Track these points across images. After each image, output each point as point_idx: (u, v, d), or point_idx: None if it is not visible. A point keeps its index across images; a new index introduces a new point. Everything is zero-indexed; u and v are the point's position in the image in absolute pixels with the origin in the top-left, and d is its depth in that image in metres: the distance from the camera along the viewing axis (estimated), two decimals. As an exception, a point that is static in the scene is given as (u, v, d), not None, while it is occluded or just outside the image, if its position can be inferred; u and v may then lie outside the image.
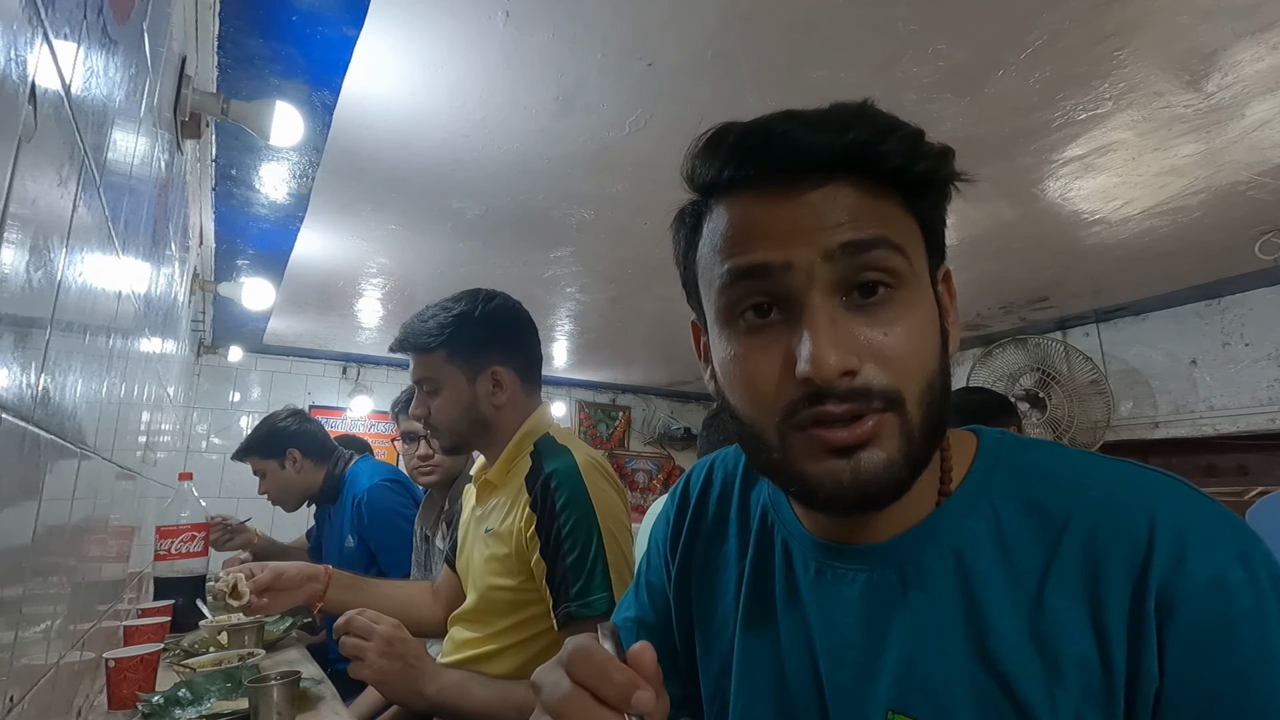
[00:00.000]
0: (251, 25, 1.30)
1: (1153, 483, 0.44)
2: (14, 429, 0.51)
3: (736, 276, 0.45)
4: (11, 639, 0.58)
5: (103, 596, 1.19)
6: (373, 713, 1.49)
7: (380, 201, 2.25)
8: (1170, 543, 0.40)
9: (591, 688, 0.38)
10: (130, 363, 1.19)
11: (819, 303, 0.43)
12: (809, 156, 0.43)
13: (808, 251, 0.43)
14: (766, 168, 0.44)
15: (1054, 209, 2.28)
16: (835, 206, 0.43)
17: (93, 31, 0.64)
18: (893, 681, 0.46)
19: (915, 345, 0.44)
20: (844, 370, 0.42)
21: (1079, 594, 0.42)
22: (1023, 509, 0.46)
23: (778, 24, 1.42)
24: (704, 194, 0.49)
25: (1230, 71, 1.56)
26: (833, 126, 0.43)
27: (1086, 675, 0.41)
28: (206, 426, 4.18)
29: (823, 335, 0.42)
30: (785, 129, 0.43)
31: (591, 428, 5.62)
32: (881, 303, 0.43)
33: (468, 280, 3.02)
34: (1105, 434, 3.22)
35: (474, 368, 1.17)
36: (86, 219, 0.69)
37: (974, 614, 0.44)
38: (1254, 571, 0.39)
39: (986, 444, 0.50)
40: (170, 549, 1.62)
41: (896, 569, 0.48)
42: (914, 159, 0.43)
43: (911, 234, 0.45)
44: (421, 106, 1.70)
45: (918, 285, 0.45)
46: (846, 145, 0.42)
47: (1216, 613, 0.39)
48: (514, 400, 1.20)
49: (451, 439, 1.21)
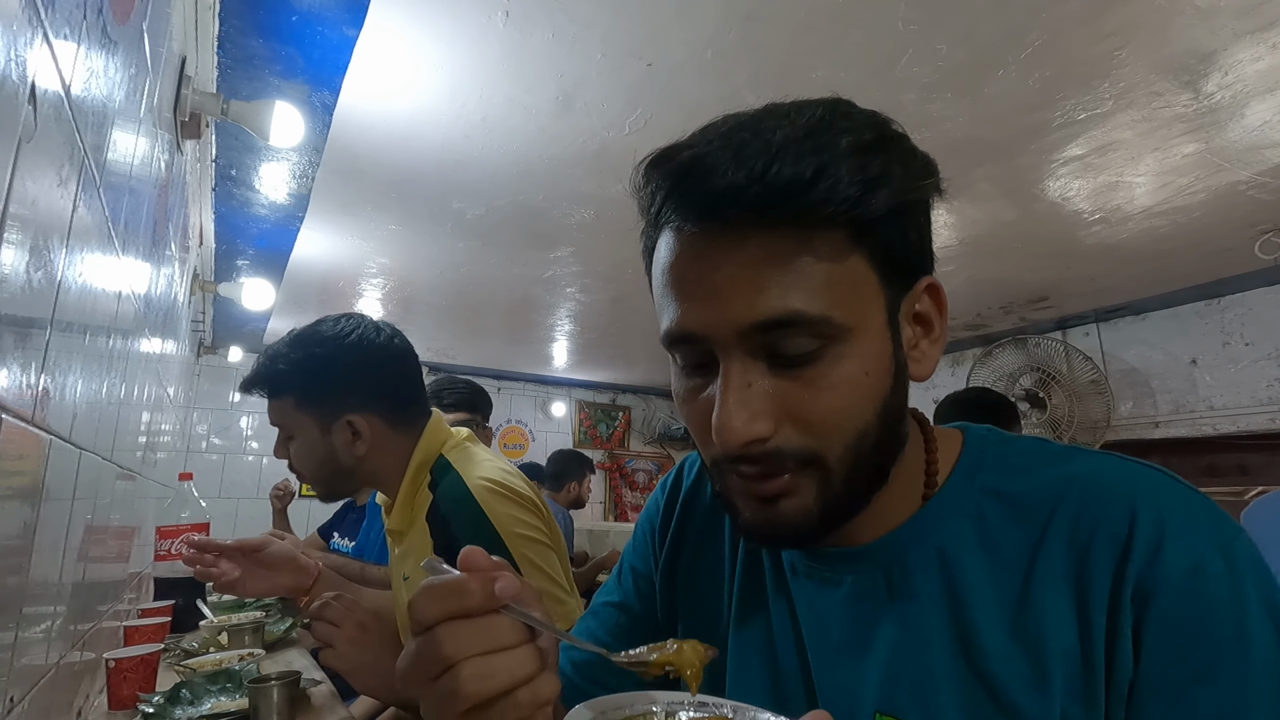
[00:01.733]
0: (251, 25, 1.30)
1: (1134, 474, 0.44)
2: (14, 429, 0.51)
3: (670, 341, 0.45)
4: (12, 639, 0.58)
5: (103, 597, 1.19)
6: (373, 713, 1.49)
7: (380, 201, 2.25)
8: (1149, 532, 0.40)
9: (453, 612, 0.36)
10: (130, 363, 1.19)
11: (735, 370, 0.41)
12: (726, 205, 0.39)
13: (723, 326, 0.41)
14: (686, 216, 0.42)
15: (1054, 209, 2.28)
16: (751, 270, 0.40)
17: (93, 32, 0.64)
18: (880, 682, 0.46)
19: (840, 405, 0.42)
20: (749, 440, 0.41)
21: (1064, 587, 0.42)
22: (1006, 506, 0.46)
23: (777, 24, 1.42)
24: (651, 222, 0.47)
25: (1230, 71, 1.56)
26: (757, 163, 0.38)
27: (1070, 669, 0.41)
28: (206, 427, 4.18)
29: (729, 405, 0.41)
30: (709, 169, 0.40)
31: (591, 428, 5.62)
32: (809, 360, 0.41)
33: (468, 280, 3.03)
34: (1105, 434, 3.22)
35: (326, 417, 1.03)
36: (86, 219, 0.69)
37: (959, 614, 0.44)
38: (1234, 562, 0.39)
39: (971, 441, 0.50)
40: (170, 549, 1.61)
41: (882, 570, 0.48)
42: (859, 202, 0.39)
43: (850, 281, 0.41)
44: (421, 106, 1.70)
45: (855, 336, 0.42)
46: (765, 191, 0.38)
47: (1193, 603, 0.38)
48: (380, 445, 1.05)
49: (320, 488, 1.09)
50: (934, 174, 0.45)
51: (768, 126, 0.41)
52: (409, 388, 1.09)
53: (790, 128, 0.40)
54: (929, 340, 0.47)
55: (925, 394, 4.31)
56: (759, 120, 0.42)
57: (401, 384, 1.08)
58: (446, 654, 0.36)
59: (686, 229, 0.42)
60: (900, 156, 0.42)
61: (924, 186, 0.44)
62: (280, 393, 1.05)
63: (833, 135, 0.40)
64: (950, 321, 1.62)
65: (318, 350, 1.04)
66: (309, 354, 1.03)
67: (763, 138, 0.40)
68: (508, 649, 0.37)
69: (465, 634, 0.36)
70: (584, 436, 5.56)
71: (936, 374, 2.97)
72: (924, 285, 0.46)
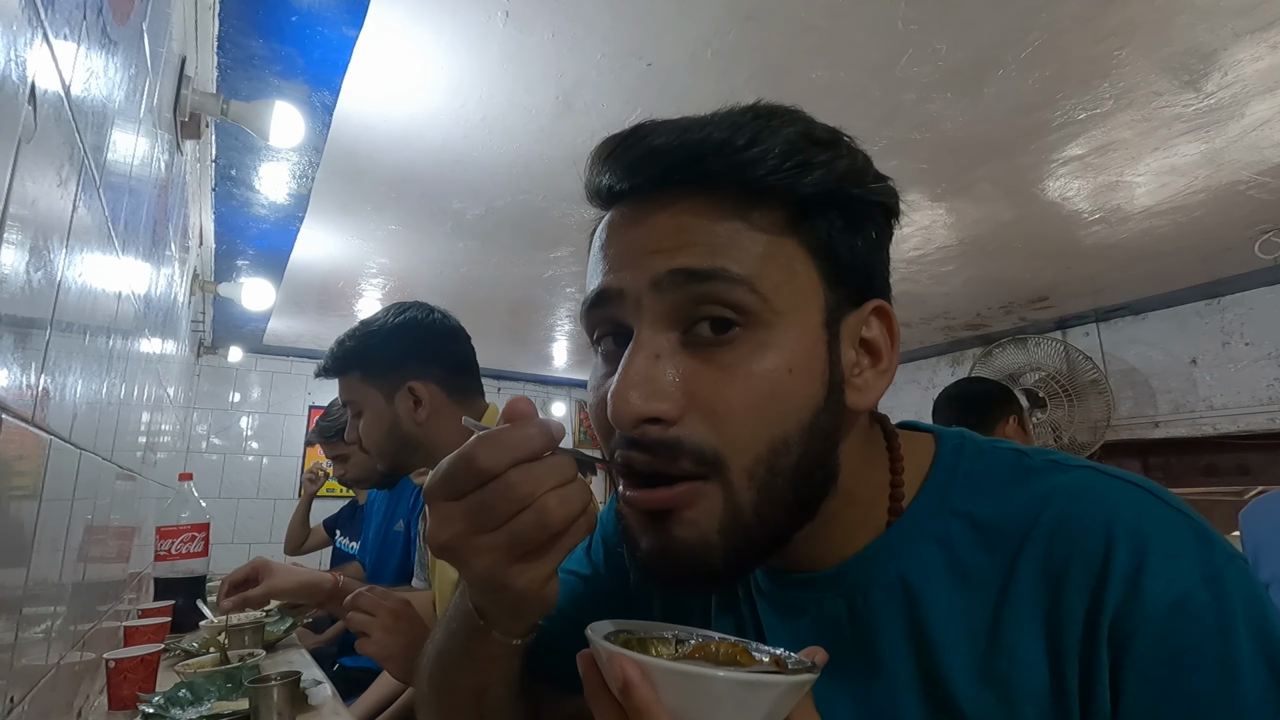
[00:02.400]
0: (251, 26, 1.30)
1: (1112, 492, 0.39)
2: (14, 429, 0.51)
3: (586, 305, 0.42)
4: (12, 639, 0.58)
5: (103, 597, 1.19)
6: (373, 713, 1.49)
7: (380, 202, 2.25)
8: (1127, 562, 0.36)
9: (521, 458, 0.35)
10: (130, 363, 1.19)
11: (645, 335, 0.38)
12: (657, 160, 0.38)
13: (638, 278, 0.38)
14: (618, 178, 0.40)
15: (1054, 209, 2.28)
16: (677, 228, 0.38)
17: (92, 32, 0.64)
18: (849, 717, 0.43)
19: (755, 399, 0.37)
20: (643, 416, 0.36)
21: (1036, 624, 0.38)
22: (977, 531, 0.41)
23: (777, 23, 1.42)
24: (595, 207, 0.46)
25: (1230, 71, 1.56)
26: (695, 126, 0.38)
27: (1043, 709, 0.37)
28: (206, 427, 4.18)
29: (629, 374, 0.37)
30: (646, 136, 0.39)
31: (591, 428, 5.62)
32: (727, 343, 0.37)
33: (468, 280, 3.03)
34: (1105, 433, 3.22)
35: (389, 385, 1.13)
36: (86, 219, 0.69)
37: (926, 652, 0.41)
38: (1222, 596, 0.35)
39: (944, 453, 0.46)
40: (170, 549, 1.62)
41: (845, 599, 0.44)
42: (795, 177, 0.37)
43: (783, 262, 0.38)
44: (421, 106, 1.70)
45: (782, 325, 0.38)
46: (694, 149, 0.37)
47: (1176, 643, 0.35)
48: (441, 414, 1.14)
49: (384, 462, 1.17)
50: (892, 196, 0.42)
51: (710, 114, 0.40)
52: (462, 358, 1.19)
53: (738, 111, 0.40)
54: (875, 371, 0.43)
55: (925, 394, 4.31)
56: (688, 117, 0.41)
57: (455, 354, 1.18)
58: (526, 492, 0.34)
59: (621, 191, 0.41)
60: (848, 156, 0.40)
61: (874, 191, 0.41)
62: (348, 369, 1.15)
63: (776, 119, 0.39)
64: (950, 321, 1.64)
65: (376, 327, 1.16)
66: (369, 331, 1.15)
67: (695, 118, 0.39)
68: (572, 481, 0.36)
69: (541, 471, 0.35)
70: (584, 436, 5.56)
71: (937, 374, 3.00)
72: (873, 307, 0.42)
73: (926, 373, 4.32)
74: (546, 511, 0.35)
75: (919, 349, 4.19)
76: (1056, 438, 3.19)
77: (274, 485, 4.32)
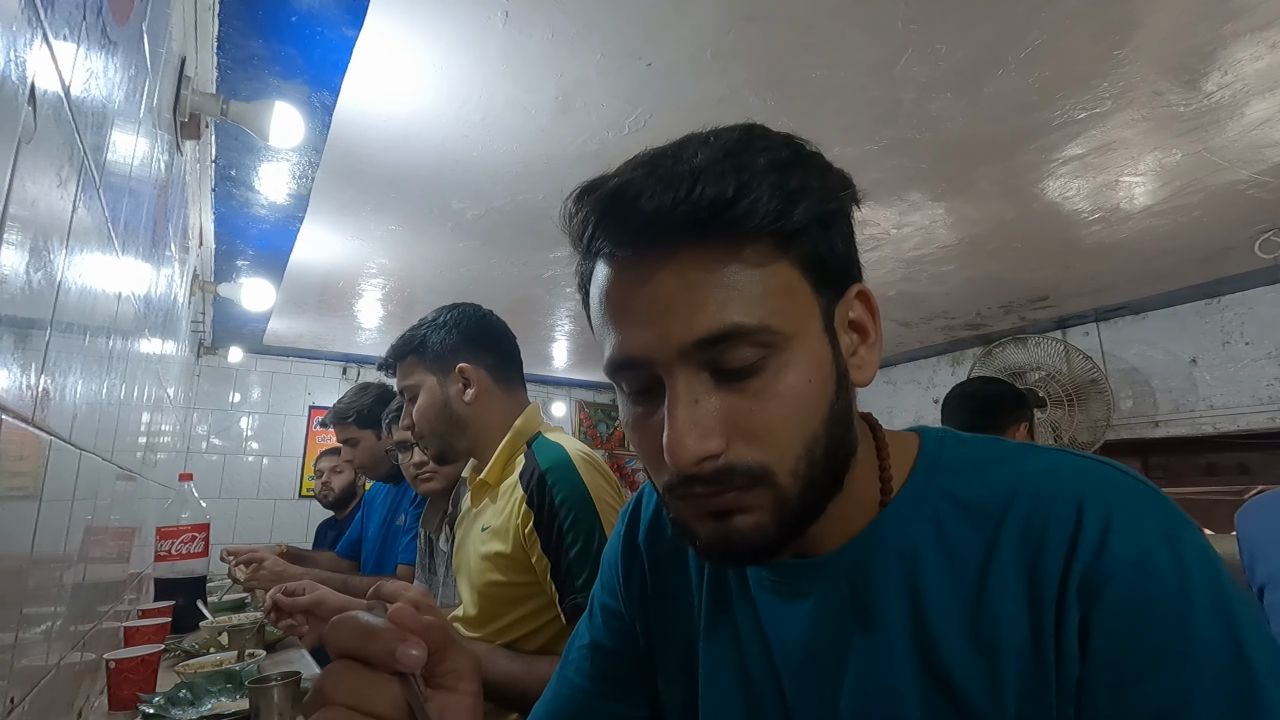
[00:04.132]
0: (251, 26, 1.30)
1: (1084, 470, 0.44)
2: (14, 429, 0.51)
3: (613, 368, 0.45)
4: (12, 640, 0.58)
5: (103, 597, 1.19)
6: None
7: (380, 202, 2.25)
8: (1095, 526, 0.40)
9: (354, 652, 0.37)
10: (130, 364, 1.19)
11: (680, 388, 0.42)
12: (653, 227, 0.41)
13: (663, 347, 0.42)
14: (617, 242, 0.43)
15: (1054, 208, 2.28)
16: (686, 288, 0.41)
17: (92, 32, 0.64)
18: (852, 693, 0.46)
19: (786, 414, 0.42)
20: (701, 457, 0.41)
21: (1017, 587, 0.42)
22: (961, 509, 0.46)
23: (777, 24, 1.42)
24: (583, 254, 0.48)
25: (1229, 70, 1.56)
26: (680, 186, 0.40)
27: (1023, 668, 0.41)
28: (206, 427, 4.18)
29: (679, 425, 0.41)
30: (635, 194, 0.41)
31: (591, 428, 5.62)
32: (752, 372, 0.42)
33: (468, 280, 3.03)
34: (1105, 433, 3.22)
35: (442, 368, 1.24)
36: (86, 220, 0.69)
37: (920, 621, 0.44)
38: (1180, 554, 0.39)
39: (927, 445, 0.50)
40: (171, 550, 1.62)
41: (846, 580, 0.48)
42: (781, 213, 0.41)
43: (783, 290, 0.43)
44: (421, 107, 1.70)
45: (795, 344, 0.43)
46: (691, 210, 0.40)
47: (1138, 595, 0.38)
48: (488, 397, 1.24)
49: (436, 444, 1.25)
50: (850, 186, 0.46)
51: (688, 152, 0.42)
52: (509, 351, 1.31)
53: (709, 150, 0.42)
54: (866, 346, 0.48)
55: (925, 393, 4.32)
56: (679, 147, 0.43)
57: (500, 344, 1.30)
58: (321, 687, 0.37)
59: (619, 254, 0.43)
60: (817, 171, 0.44)
61: (842, 198, 0.45)
62: (405, 354, 1.26)
63: (751, 155, 0.42)
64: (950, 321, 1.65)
65: (430, 318, 1.28)
66: (424, 323, 1.28)
67: (685, 162, 0.41)
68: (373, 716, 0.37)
69: (350, 678, 0.37)
70: (584, 436, 5.55)
71: (937, 373, 3.00)
72: (855, 292, 0.47)
73: (927, 373, 4.32)
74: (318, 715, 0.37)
75: (919, 349, 4.19)
76: (1056, 437, 3.19)
77: (274, 485, 4.32)
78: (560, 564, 1.04)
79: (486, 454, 1.22)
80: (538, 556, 1.06)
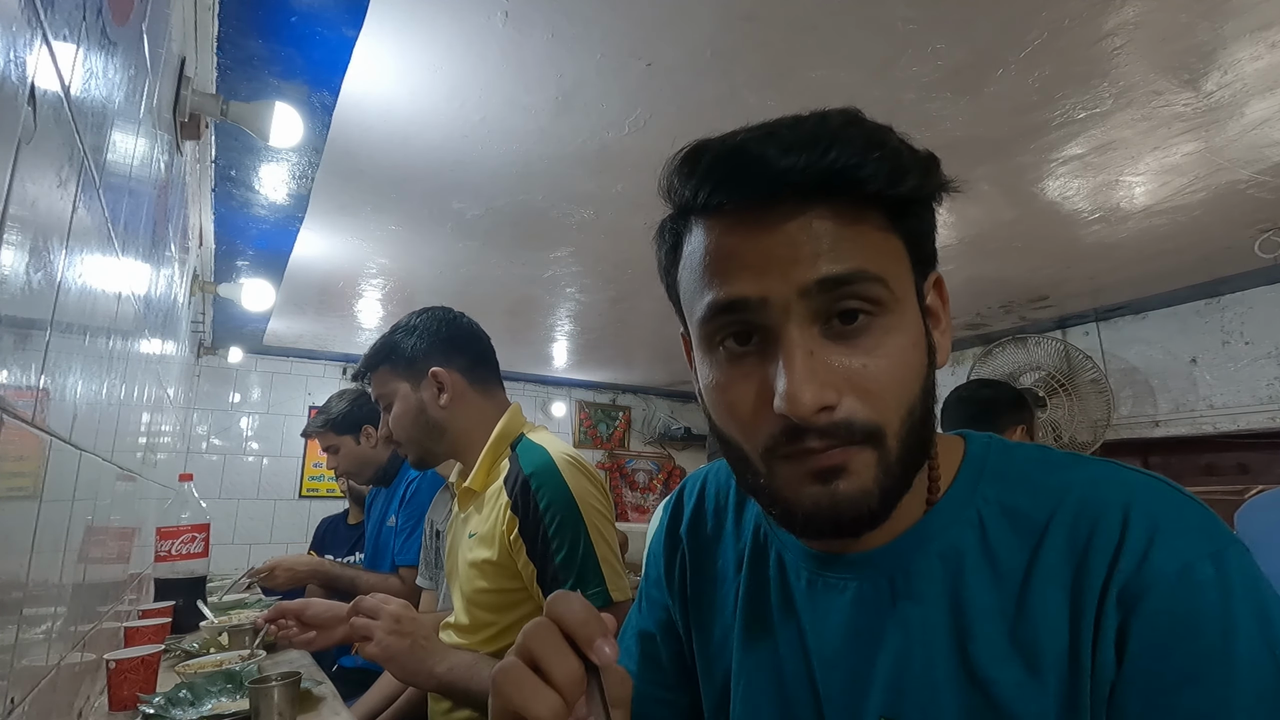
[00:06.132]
0: (251, 26, 1.30)
1: (1131, 481, 0.44)
2: (14, 430, 0.51)
3: (715, 311, 0.44)
4: (12, 640, 0.58)
5: (103, 598, 1.19)
6: (374, 713, 1.49)
7: (380, 202, 2.25)
8: (1140, 536, 0.40)
9: (563, 622, 0.38)
10: (130, 364, 1.19)
11: (796, 335, 0.42)
12: (784, 182, 0.41)
13: (783, 287, 0.42)
14: (741, 194, 0.43)
15: (1054, 208, 2.28)
16: (811, 236, 0.42)
17: (92, 33, 0.64)
18: (884, 688, 0.46)
19: (897, 374, 0.43)
20: (820, 406, 0.41)
21: (1060, 593, 0.42)
22: (1007, 515, 0.46)
23: (777, 24, 1.42)
24: (681, 214, 0.48)
25: (1229, 70, 1.56)
26: (811, 148, 0.41)
27: (1061, 672, 0.41)
28: (206, 427, 4.18)
29: (798, 371, 0.41)
30: (761, 152, 0.42)
31: (591, 428, 5.62)
32: (862, 330, 0.43)
33: (468, 280, 3.03)
34: (1105, 433, 3.22)
35: (415, 375, 1.22)
36: (86, 220, 0.69)
37: (960, 621, 0.45)
38: (1224, 571, 0.39)
39: (974, 450, 0.51)
40: (171, 550, 1.62)
41: (887, 577, 0.48)
42: (897, 181, 0.42)
43: (894, 255, 0.44)
44: (421, 107, 1.70)
45: (901, 309, 0.44)
46: (824, 170, 0.41)
47: (1179, 606, 0.38)
48: (463, 401, 1.21)
49: (414, 450, 1.24)
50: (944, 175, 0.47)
51: (809, 122, 0.43)
52: (482, 352, 1.28)
53: (829, 122, 0.43)
54: (939, 331, 0.49)
55: (925, 393, 4.31)
56: (794, 119, 0.44)
57: (473, 345, 1.27)
58: (527, 629, 0.39)
59: (737, 210, 0.43)
60: (924, 159, 0.45)
61: (943, 180, 0.46)
62: (378, 364, 1.25)
63: (870, 130, 0.43)
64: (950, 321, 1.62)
65: (401, 324, 1.26)
66: (394, 329, 1.26)
67: (809, 130, 0.42)
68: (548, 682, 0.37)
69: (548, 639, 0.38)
70: (584, 436, 5.56)
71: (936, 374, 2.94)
72: (933, 279, 0.49)
73: (926, 372, 4.32)
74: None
75: (919, 348, 4.19)
76: (1056, 437, 3.19)
77: (274, 486, 4.32)
78: (546, 570, 1.03)
79: (469, 457, 1.21)
80: (524, 562, 1.05)
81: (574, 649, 0.38)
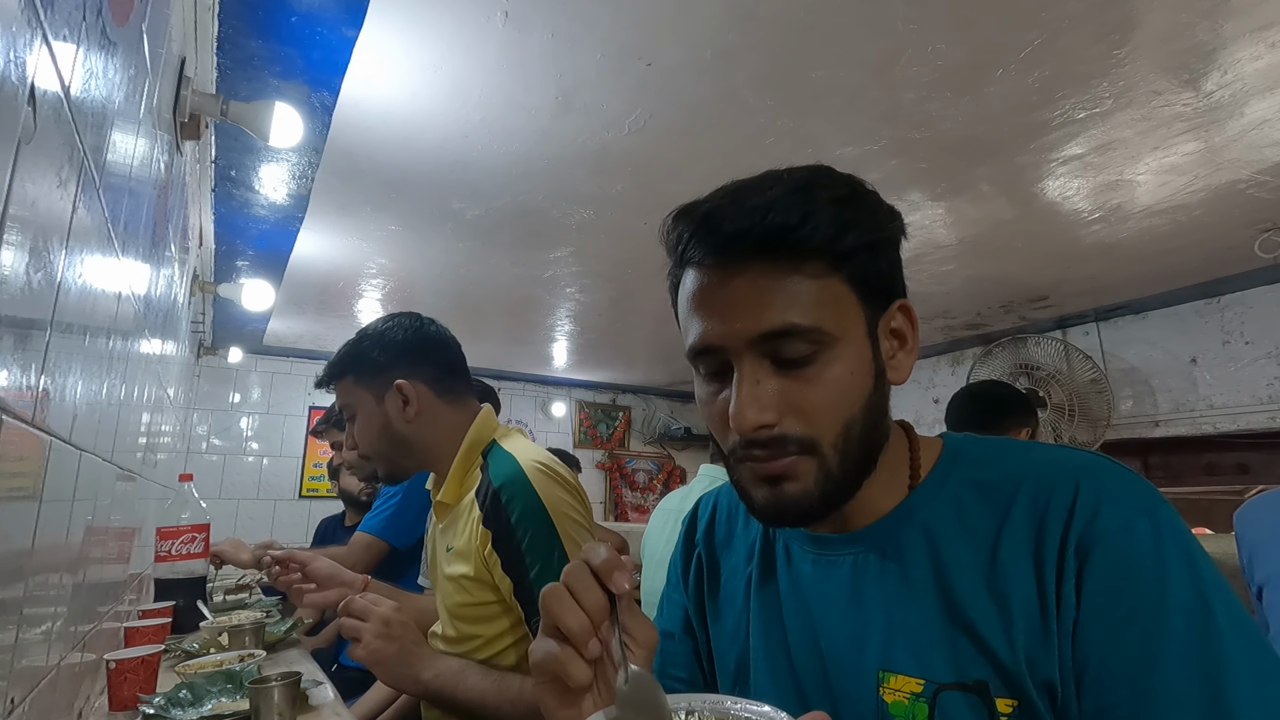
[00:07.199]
0: (251, 26, 1.30)
1: (1081, 459, 0.54)
2: (14, 430, 0.51)
3: (694, 352, 0.55)
4: (12, 640, 0.58)
5: (103, 598, 1.19)
6: (374, 713, 1.49)
7: (380, 202, 2.25)
8: (1090, 500, 0.50)
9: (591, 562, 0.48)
10: (130, 364, 1.19)
11: (746, 370, 0.52)
12: (733, 244, 0.51)
13: (735, 339, 0.52)
14: (705, 253, 0.53)
15: (1053, 208, 2.28)
16: (755, 290, 0.51)
17: (92, 33, 0.64)
18: (881, 644, 0.54)
19: (832, 398, 0.52)
20: (759, 425, 0.51)
21: (1025, 548, 0.51)
22: (978, 490, 0.55)
23: (777, 23, 1.42)
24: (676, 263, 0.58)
25: (1229, 70, 1.56)
26: (753, 214, 0.50)
27: (1030, 612, 0.49)
28: (206, 428, 4.18)
29: (742, 398, 0.51)
30: (719, 218, 0.52)
31: (591, 428, 5.62)
32: (804, 362, 0.52)
33: (468, 280, 3.03)
34: (1105, 433, 3.22)
35: (379, 386, 1.17)
36: (86, 220, 0.69)
37: (942, 578, 0.53)
38: (1158, 525, 0.48)
39: (950, 443, 0.60)
40: (171, 550, 1.61)
41: (877, 549, 0.57)
42: (836, 237, 0.51)
43: (835, 300, 0.52)
44: (421, 107, 1.70)
45: (843, 343, 0.52)
46: (763, 233, 0.50)
47: (1122, 555, 0.47)
48: (431, 413, 1.17)
49: (382, 464, 1.20)
50: (898, 220, 0.57)
51: (766, 185, 0.53)
52: (451, 362, 1.23)
53: (782, 185, 0.52)
54: (904, 351, 0.58)
55: (925, 394, 4.32)
56: (759, 181, 0.54)
57: (440, 356, 1.22)
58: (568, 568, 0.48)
59: (705, 263, 0.54)
60: (869, 207, 0.54)
61: (890, 229, 0.55)
62: (341, 375, 1.20)
63: (815, 190, 0.52)
64: (950, 321, 1.66)
65: (367, 332, 1.22)
66: (359, 338, 1.21)
67: (762, 194, 0.52)
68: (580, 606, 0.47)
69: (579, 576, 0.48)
70: (584, 436, 5.56)
71: (937, 373, 3.01)
72: (897, 306, 0.57)
73: (926, 372, 4.32)
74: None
75: (919, 349, 4.19)
76: (1057, 437, 3.19)
77: (274, 486, 4.32)
78: (523, 583, 1.01)
79: (442, 468, 1.17)
80: (500, 576, 1.03)
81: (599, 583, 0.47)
